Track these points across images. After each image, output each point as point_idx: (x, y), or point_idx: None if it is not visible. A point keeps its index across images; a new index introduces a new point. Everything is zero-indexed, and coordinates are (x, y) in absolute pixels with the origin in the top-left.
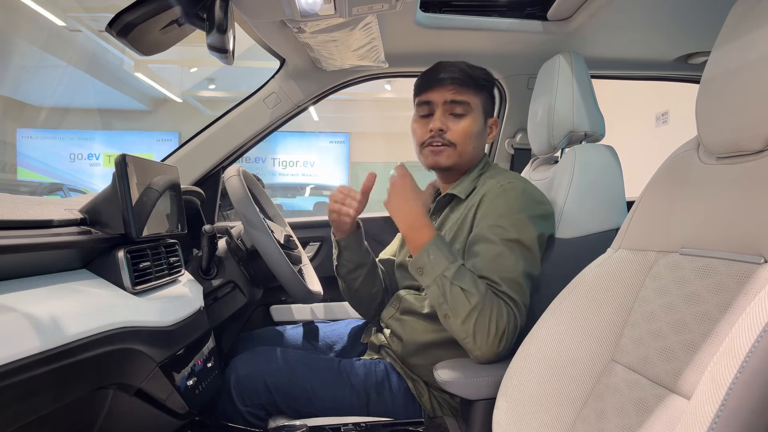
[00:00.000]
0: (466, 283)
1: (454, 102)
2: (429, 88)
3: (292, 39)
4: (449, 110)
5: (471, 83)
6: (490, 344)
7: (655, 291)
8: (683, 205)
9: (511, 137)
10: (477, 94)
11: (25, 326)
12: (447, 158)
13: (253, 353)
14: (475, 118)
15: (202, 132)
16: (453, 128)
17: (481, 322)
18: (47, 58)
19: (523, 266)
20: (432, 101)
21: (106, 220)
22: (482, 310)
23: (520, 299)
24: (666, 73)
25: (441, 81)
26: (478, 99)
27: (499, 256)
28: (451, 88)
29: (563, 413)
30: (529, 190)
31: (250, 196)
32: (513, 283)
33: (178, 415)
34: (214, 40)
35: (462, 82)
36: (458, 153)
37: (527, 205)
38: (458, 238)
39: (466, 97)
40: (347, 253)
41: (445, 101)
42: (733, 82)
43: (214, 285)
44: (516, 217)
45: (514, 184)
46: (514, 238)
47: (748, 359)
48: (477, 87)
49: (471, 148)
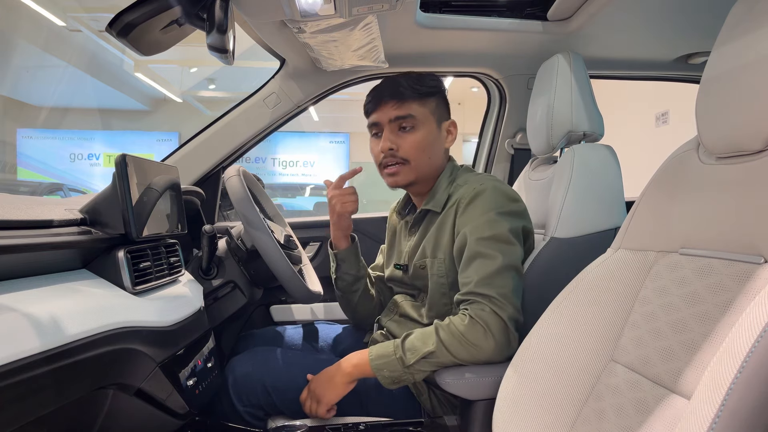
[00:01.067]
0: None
1: (399, 118)
2: (373, 110)
3: (292, 39)
4: (396, 127)
5: (414, 95)
6: (484, 351)
7: (655, 291)
8: (683, 205)
9: (511, 137)
10: (423, 104)
11: (25, 326)
12: (404, 177)
13: (250, 354)
14: (425, 128)
15: (202, 132)
16: (403, 144)
17: (459, 353)
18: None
19: (501, 260)
20: (378, 122)
21: (106, 220)
22: (448, 347)
23: (496, 292)
24: (666, 73)
25: (381, 100)
26: (425, 108)
27: (478, 257)
28: (392, 104)
29: (563, 413)
30: (500, 188)
31: (250, 196)
32: (490, 279)
33: (178, 415)
34: (214, 40)
35: (403, 96)
36: (414, 168)
37: (499, 202)
38: (439, 247)
39: (409, 110)
40: (345, 266)
41: (389, 119)
42: (733, 82)
43: (214, 285)
44: (489, 215)
45: (485, 185)
46: (489, 235)
47: (748, 359)
48: (422, 96)
49: (427, 160)
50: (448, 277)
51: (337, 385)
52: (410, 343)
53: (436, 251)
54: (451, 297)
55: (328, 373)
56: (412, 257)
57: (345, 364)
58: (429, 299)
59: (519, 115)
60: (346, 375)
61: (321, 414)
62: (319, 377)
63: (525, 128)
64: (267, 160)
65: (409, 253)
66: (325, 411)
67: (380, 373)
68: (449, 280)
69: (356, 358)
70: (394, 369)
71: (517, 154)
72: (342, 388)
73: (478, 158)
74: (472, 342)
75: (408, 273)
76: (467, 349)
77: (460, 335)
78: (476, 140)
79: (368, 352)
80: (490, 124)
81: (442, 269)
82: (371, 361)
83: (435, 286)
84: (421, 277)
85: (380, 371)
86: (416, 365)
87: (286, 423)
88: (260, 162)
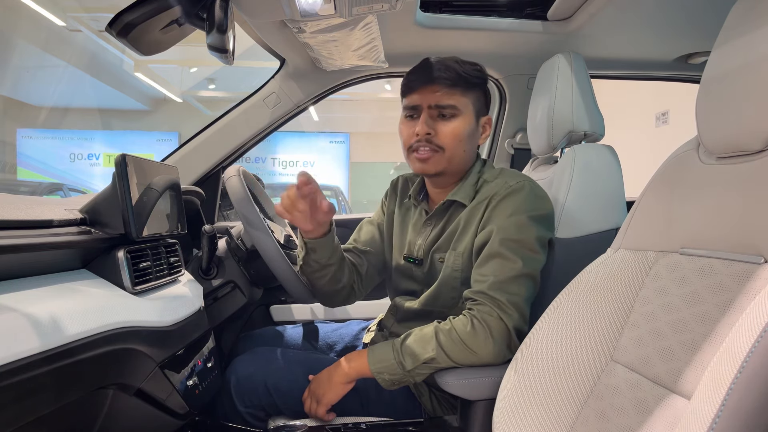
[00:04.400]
0: (420, 355)
1: (440, 106)
2: (414, 90)
3: (292, 39)
4: (436, 113)
5: (460, 83)
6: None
7: (655, 291)
8: (683, 205)
9: (511, 137)
10: (467, 94)
11: (25, 326)
12: (435, 165)
13: (253, 354)
14: (465, 119)
15: (202, 132)
16: (441, 131)
17: (458, 357)
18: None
19: (520, 266)
20: (417, 105)
21: (106, 220)
22: (448, 351)
23: (507, 299)
24: (666, 73)
25: (426, 82)
26: (468, 99)
27: (498, 258)
28: (438, 89)
29: (563, 413)
30: (535, 189)
31: (250, 196)
32: (505, 284)
33: (178, 415)
34: (214, 40)
35: (449, 82)
36: (447, 158)
37: (533, 204)
38: (462, 241)
39: (453, 99)
40: (315, 255)
41: (430, 105)
42: (733, 82)
43: (214, 285)
44: (520, 217)
45: (522, 184)
46: (515, 239)
47: (748, 359)
48: (467, 86)
49: (461, 152)
50: (463, 272)
51: (336, 385)
52: (409, 348)
53: (458, 244)
54: (459, 291)
55: (327, 374)
56: (429, 250)
57: (344, 364)
58: (436, 289)
59: (519, 115)
60: (344, 375)
61: (320, 414)
62: (319, 377)
63: (525, 128)
64: (267, 160)
65: (426, 247)
66: (324, 411)
67: (380, 377)
68: (463, 275)
69: (355, 359)
70: (394, 373)
71: (517, 154)
72: (340, 389)
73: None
74: (473, 349)
75: (423, 267)
76: (467, 355)
77: (460, 342)
78: None
79: (367, 354)
80: None
81: (459, 263)
82: (371, 365)
83: (446, 278)
84: (436, 270)
85: (380, 374)
86: (416, 370)
87: (287, 423)
88: (260, 162)
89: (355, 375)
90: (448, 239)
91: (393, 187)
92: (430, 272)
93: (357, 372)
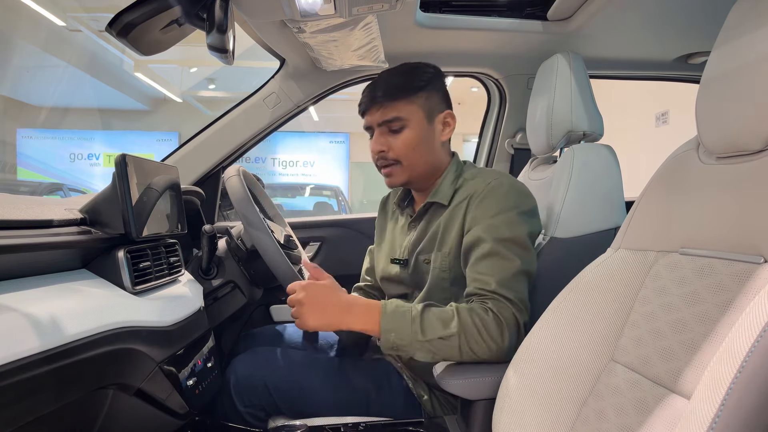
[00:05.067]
0: (439, 329)
1: (386, 121)
2: (363, 113)
3: (292, 39)
4: (386, 129)
5: (399, 93)
6: (497, 349)
7: (655, 291)
8: (683, 204)
9: (511, 137)
10: (411, 101)
11: (25, 326)
12: (398, 177)
13: (253, 354)
14: (414, 126)
15: (202, 132)
16: (393, 145)
17: (474, 345)
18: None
19: (519, 264)
20: (369, 125)
21: (106, 220)
22: (468, 335)
23: (515, 296)
24: (666, 73)
25: (367, 104)
26: (415, 105)
27: (496, 257)
28: (378, 108)
29: (563, 413)
30: (515, 185)
31: (250, 196)
32: (510, 282)
33: (178, 415)
34: (214, 40)
35: (386, 98)
36: (407, 168)
37: (517, 201)
38: (446, 241)
39: (395, 112)
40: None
41: (378, 123)
42: (733, 82)
43: (214, 285)
44: (508, 215)
45: (500, 180)
46: (508, 237)
47: (748, 359)
48: (408, 93)
49: (419, 158)
50: (451, 271)
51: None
52: (429, 320)
53: (442, 245)
54: (450, 292)
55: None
56: (413, 251)
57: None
58: (426, 293)
59: (519, 115)
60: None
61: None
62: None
63: (525, 128)
64: (267, 160)
65: (410, 247)
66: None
67: (385, 335)
68: (451, 275)
69: (364, 308)
70: (403, 337)
71: (517, 154)
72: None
73: (478, 158)
74: (492, 337)
75: (408, 268)
76: (485, 342)
77: (482, 326)
78: (476, 140)
79: (381, 307)
80: (490, 124)
81: (446, 263)
82: (383, 316)
83: (435, 280)
84: (422, 271)
85: (387, 333)
86: (427, 344)
87: (287, 423)
88: (260, 162)
89: (359, 326)
90: (432, 240)
91: (382, 205)
92: (416, 273)
93: (363, 323)
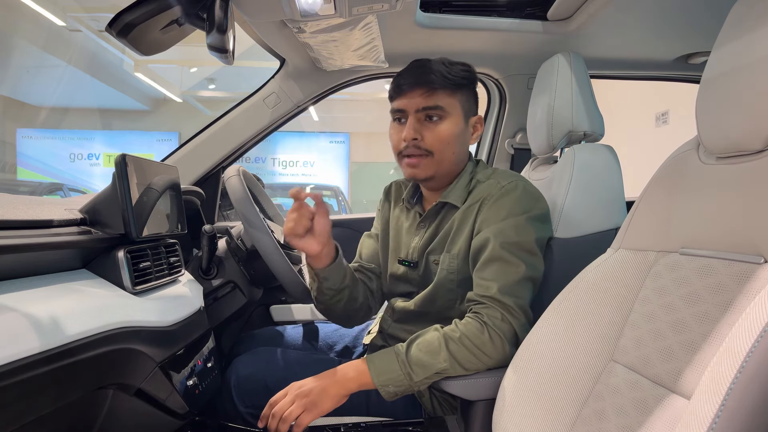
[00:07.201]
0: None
1: (426, 108)
2: (400, 94)
3: (292, 39)
4: (423, 116)
5: (445, 84)
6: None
7: (655, 291)
8: (683, 205)
9: (511, 137)
10: (454, 95)
11: (25, 326)
12: (425, 169)
13: (253, 354)
14: (453, 120)
15: (202, 132)
16: (428, 135)
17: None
18: (47, 58)
19: (524, 270)
20: (404, 109)
21: (106, 220)
22: (461, 361)
23: (515, 303)
24: (666, 73)
25: (411, 86)
26: (456, 100)
27: (501, 261)
28: (422, 92)
29: (563, 413)
30: (529, 189)
31: (250, 196)
32: (512, 288)
33: (178, 415)
34: (214, 40)
35: (434, 85)
36: (436, 161)
37: (528, 205)
38: (456, 243)
39: (439, 101)
40: (328, 282)
41: (417, 108)
42: (733, 82)
43: (214, 285)
44: (517, 219)
45: (515, 184)
46: (515, 242)
47: (748, 359)
48: (454, 87)
49: (451, 154)
50: (459, 273)
51: (334, 397)
52: (417, 358)
53: (452, 246)
54: (457, 293)
55: (320, 383)
56: (423, 252)
57: (342, 376)
58: (432, 292)
59: (519, 115)
60: (343, 388)
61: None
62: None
63: (525, 128)
64: (267, 160)
65: (420, 249)
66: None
67: (384, 389)
68: (459, 277)
69: (354, 371)
70: (400, 384)
71: (517, 154)
72: (338, 400)
73: (478, 158)
74: (488, 353)
75: (418, 269)
76: (481, 359)
77: (473, 347)
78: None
79: (368, 366)
80: (490, 124)
81: (454, 265)
82: (374, 378)
83: (442, 281)
84: (431, 272)
85: (385, 387)
86: (426, 379)
87: None
88: (260, 162)
89: (356, 387)
90: (442, 241)
91: (386, 194)
92: (425, 274)
93: (359, 384)
